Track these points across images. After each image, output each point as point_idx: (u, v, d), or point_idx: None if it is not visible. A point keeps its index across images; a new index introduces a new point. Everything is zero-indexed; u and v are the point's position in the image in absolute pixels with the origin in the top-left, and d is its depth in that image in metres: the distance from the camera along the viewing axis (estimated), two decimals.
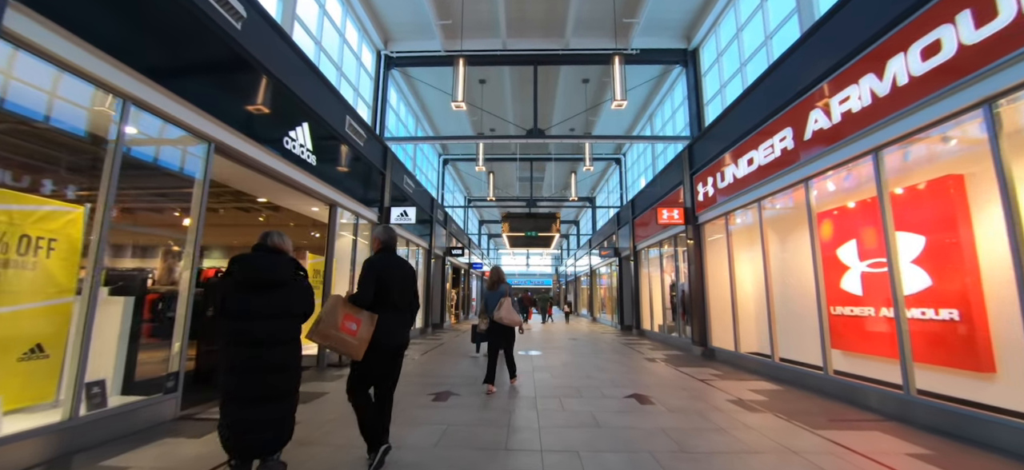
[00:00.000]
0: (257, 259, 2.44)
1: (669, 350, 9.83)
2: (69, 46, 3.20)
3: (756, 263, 7.42)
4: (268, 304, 2.38)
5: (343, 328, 2.62)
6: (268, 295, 2.40)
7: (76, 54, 3.26)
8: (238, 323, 2.32)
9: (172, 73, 4.12)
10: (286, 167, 5.95)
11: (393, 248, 3.18)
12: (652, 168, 14.75)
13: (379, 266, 2.93)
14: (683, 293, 10.58)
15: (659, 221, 9.58)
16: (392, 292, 2.91)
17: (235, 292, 2.38)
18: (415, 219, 9.72)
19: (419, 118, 14.61)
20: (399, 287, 2.97)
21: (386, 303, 2.88)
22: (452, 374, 6.60)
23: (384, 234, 3.16)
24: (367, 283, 2.86)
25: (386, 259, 3.03)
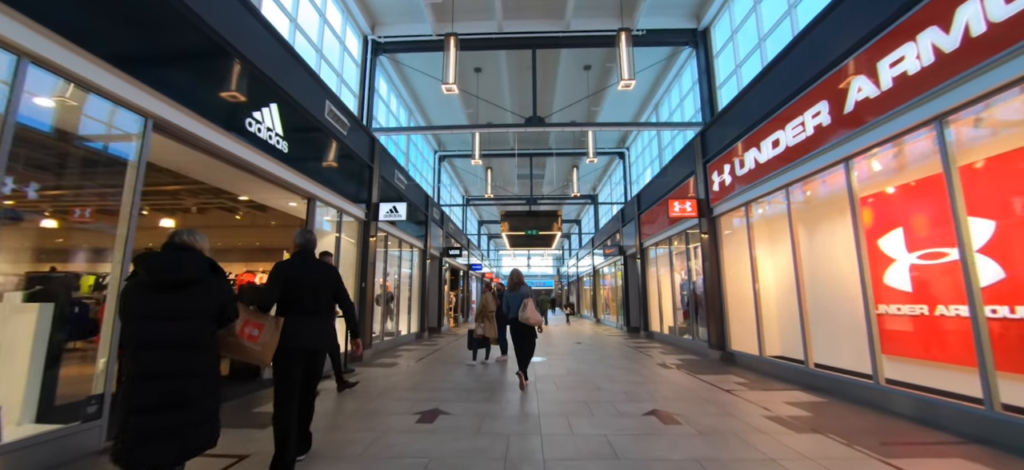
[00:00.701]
0: (161, 257, 2.23)
1: (683, 354, 9.05)
2: None
3: (782, 257, 6.65)
4: (175, 305, 2.19)
5: (242, 334, 2.59)
6: (175, 295, 2.20)
7: None
8: (140, 326, 2.14)
9: (91, 30, 3.38)
10: (251, 153, 5.20)
11: (310, 252, 3.20)
12: (659, 160, 13.99)
13: (287, 270, 2.95)
14: (696, 292, 9.81)
15: (670, 214, 8.82)
16: (302, 296, 2.92)
17: (138, 293, 2.17)
18: (405, 216, 8.98)
19: (412, 111, 13.88)
20: (311, 291, 2.97)
21: (295, 307, 2.89)
22: (444, 386, 5.84)
23: (301, 237, 3.18)
24: (269, 287, 2.89)
25: (297, 262, 3.04)
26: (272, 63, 5.68)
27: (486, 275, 26.78)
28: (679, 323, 10.96)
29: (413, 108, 13.91)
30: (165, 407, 2.10)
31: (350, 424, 4.11)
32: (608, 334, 14.42)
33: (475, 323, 7.88)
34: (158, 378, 2.11)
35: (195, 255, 2.31)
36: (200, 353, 2.23)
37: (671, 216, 8.83)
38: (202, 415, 2.22)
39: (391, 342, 10.66)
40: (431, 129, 12.96)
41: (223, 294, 2.36)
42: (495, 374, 6.80)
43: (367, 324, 8.63)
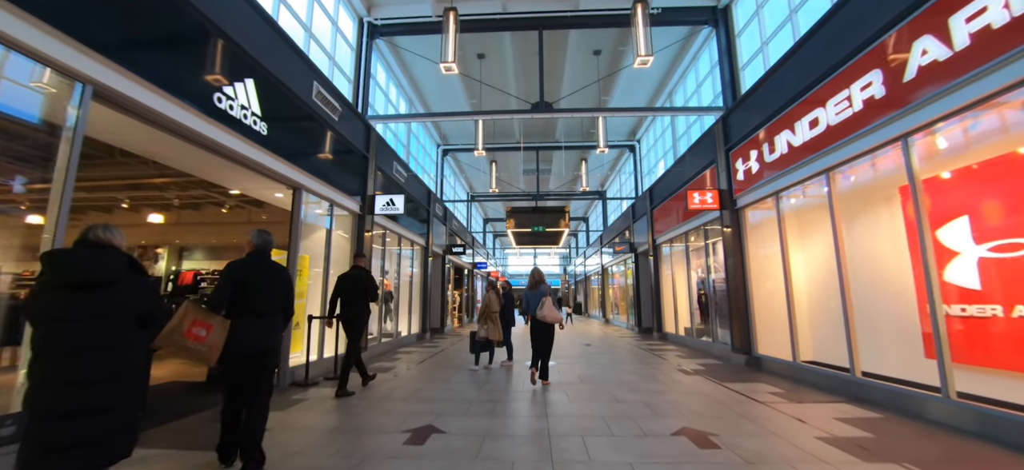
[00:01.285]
0: (71, 255, 2.08)
1: (702, 358, 8.34)
2: None
3: (819, 250, 5.93)
4: (87, 307, 2.05)
5: (189, 334, 2.56)
6: (88, 296, 2.06)
7: None
8: (51, 329, 1.99)
9: None
10: (221, 133, 4.60)
11: (266, 252, 3.14)
12: (673, 152, 13.25)
13: (238, 270, 2.92)
14: (715, 291, 9.09)
15: (689, 206, 8.11)
16: (251, 297, 2.89)
17: (48, 295, 2.03)
18: (403, 209, 8.36)
19: (412, 100, 13.27)
20: (261, 293, 2.94)
21: (244, 309, 2.85)
22: (441, 396, 5.21)
23: (258, 238, 3.13)
24: (221, 288, 2.84)
25: (250, 263, 3.01)
26: (247, 34, 5.07)
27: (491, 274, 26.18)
28: (696, 324, 10.25)
29: (413, 98, 13.30)
30: (76, 415, 1.98)
31: (325, 445, 3.49)
32: (619, 335, 13.72)
33: (477, 324, 7.25)
34: (69, 384, 1.98)
35: (111, 253, 2.15)
36: (116, 358, 2.08)
37: (690, 208, 8.12)
38: (117, 424, 2.09)
39: (390, 344, 10.05)
40: (431, 116, 12.32)
41: (147, 297, 2.23)
42: (500, 381, 6.16)
43: None
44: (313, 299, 7.12)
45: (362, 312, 5.44)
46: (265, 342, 2.93)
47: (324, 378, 6.37)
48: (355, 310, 5.39)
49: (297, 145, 6.24)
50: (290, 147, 5.99)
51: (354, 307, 5.39)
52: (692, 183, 9.50)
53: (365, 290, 5.47)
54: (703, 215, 9.21)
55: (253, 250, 3.08)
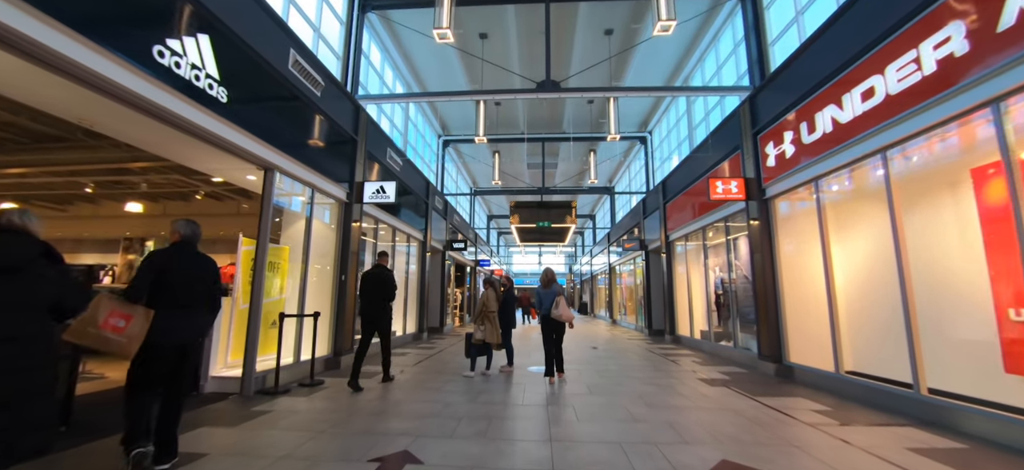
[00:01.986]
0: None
1: (724, 365, 7.51)
2: None
3: (870, 245, 5.09)
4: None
5: (106, 325, 2.47)
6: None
7: None
8: None
9: None
10: (164, 95, 3.86)
11: (192, 242, 3.04)
12: (689, 141, 12.38)
13: (160, 260, 2.83)
14: (737, 291, 8.25)
15: (711, 196, 7.27)
16: (175, 289, 2.82)
17: None
18: (394, 197, 7.60)
19: (409, 85, 12.51)
20: (185, 284, 2.87)
21: (166, 301, 2.77)
22: (427, 410, 4.44)
23: (184, 227, 3.03)
24: (141, 277, 2.74)
25: (173, 253, 2.92)
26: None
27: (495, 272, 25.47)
28: (714, 327, 9.40)
29: (411, 81, 12.53)
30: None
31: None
32: (627, 338, 12.89)
33: (474, 325, 6.47)
34: None
35: (24, 239, 2.12)
36: (25, 349, 2.00)
37: (713, 198, 7.28)
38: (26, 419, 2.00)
39: None
40: (427, 96, 11.50)
41: (61, 285, 2.18)
42: (497, 391, 5.38)
43: (349, 324, 7.28)
44: (293, 297, 6.38)
45: (382, 309, 5.67)
46: (188, 335, 2.90)
47: (299, 384, 5.64)
48: (377, 308, 5.64)
49: (269, 120, 5.50)
50: (260, 122, 5.25)
51: (376, 305, 5.64)
52: (712, 172, 8.66)
53: (384, 287, 5.69)
54: (724, 207, 8.37)
55: (179, 240, 3.00)
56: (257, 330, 5.26)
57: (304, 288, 6.32)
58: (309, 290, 6.70)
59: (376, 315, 5.64)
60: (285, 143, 5.76)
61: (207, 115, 4.36)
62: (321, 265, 7.13)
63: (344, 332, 7.15)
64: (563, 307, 5.93)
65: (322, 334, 6.97)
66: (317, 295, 6.98)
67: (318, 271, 7.08)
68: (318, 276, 7.07)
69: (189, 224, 3.06)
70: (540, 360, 7.86)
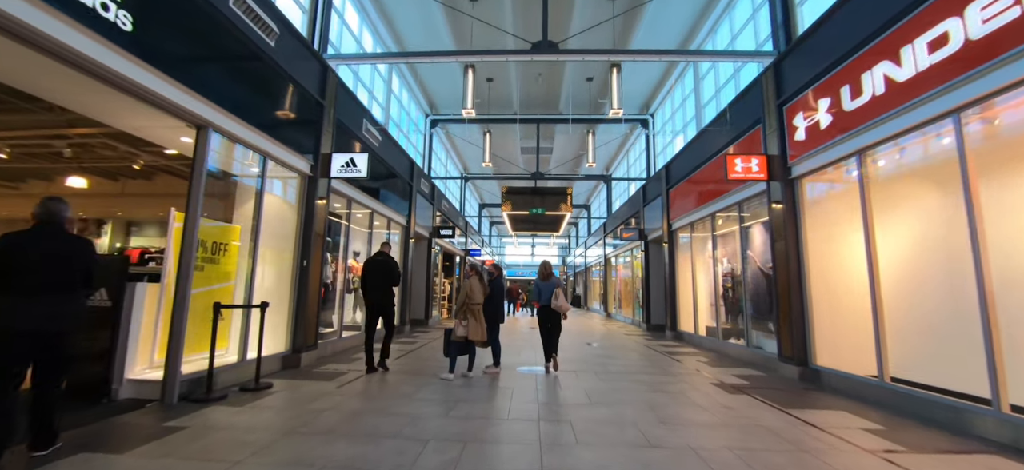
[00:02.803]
0: None
1: (737, 367, 6.67)
2: None
3: (934, 230, 4.23)
4: None
5: None
6: None
7: None
8: None
9: None
10: (23, 5, 2.85)
11: (51, 223, 2.79)
12: (696, 123, 11.47)
13: (8, 242, 2.64)
14: (751, 284, 7.41)
15: (729, 175, 6.39)
16: (22, 274, 2.62)
17: None
18: (366, 170, 6.61)
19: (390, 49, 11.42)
20: (40, 268, 2.67)
21: (18, 285, 2.60)
22: (388, 427, 3.53)
23: (41, 208, 2.79)
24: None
25: (28, 235, 2.71)
26: None
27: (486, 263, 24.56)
28: (722, 323, 8.58)
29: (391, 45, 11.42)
30: None
31: None
32: (625, 333, 12.06)
33: (455, 320, 5.54)
34: None
35: None
36: None
37: (730, 178, 6.39)
38: None
39: (356, 338, 8.38)
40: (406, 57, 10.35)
41: None
42: (480, 400, 4.48)
43: (310, 316, 6.32)
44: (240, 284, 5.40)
45: (385, 296, 5.87)
46: (48, 324, 2.67)
47: (241, 388, 4.68)
48: (382, 294, 5.85)
49: (203, 68, 4.50)
50: (189, 67, 4.25)
51: (380, 291, 5.83)
52: (730, 149, 7.76)
53: (387, 274, 5.88)
54: (738, 191, 7.50)
55: (36, 222, 2.77)
56: (182, 324, 4.29)
57: (253, 274, 5.34)
58: (262, 276, 5.74)
59: (381, 301, 5.84)
60: (227, 99, 4.75)
61: (100, 43, 3.35)
62: (279, 248, 6.15)
63: (306, 325, 6.19)
64: (562, 299, 6.10)
65: (278, 328, 6.02)
66: (273, 282, 6.00)
67: (275, 255, 6.10)
68: (275, 260, 6.09)
69: (49, 203, 2.82)
70: (530, 359, 6.98)
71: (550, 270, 6.49)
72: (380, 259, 5.97)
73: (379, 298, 5.84)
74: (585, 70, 12.24)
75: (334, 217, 7.99)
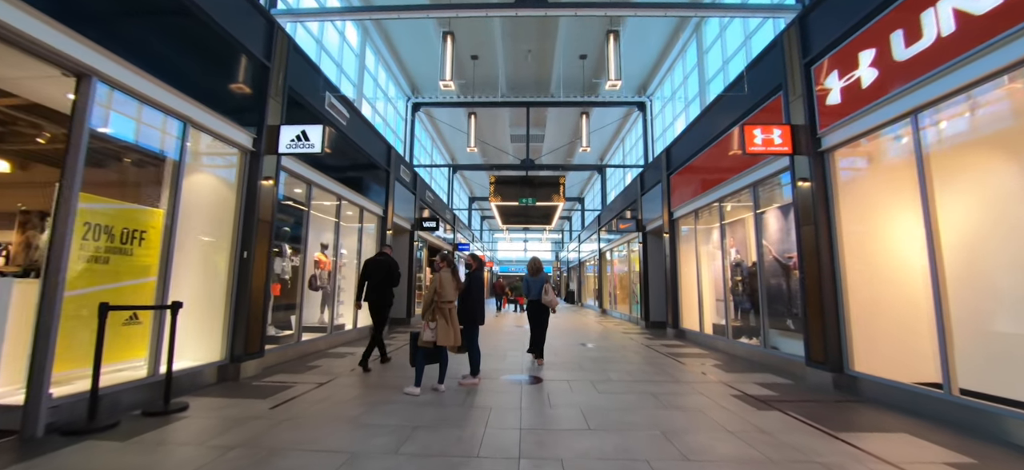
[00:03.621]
0: None
1: (754, 372, 5.77)
2: None
3: (1013, 208, 3.32)
4: None
5: None
6: None
7: None
8: None
9: None
10: None
11: None
12: (700, 101, 10.54)
13: None
14: (767, 276, 6.53)
15: (748, 148, 5.45)
16: None
17: None
18: (320, 146, 5.58)
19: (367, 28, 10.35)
20: None
21: None
22: (314, 467, 2.56)
23: None
24: None
25: None
26: None
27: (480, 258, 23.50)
28: (732, 321, 7.69)
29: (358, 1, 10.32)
30: None
31: None
32: (622, 331, 11.15)
33: (422, 321, 4.55)
34: None
35: None
36: None
37: (749, 151, 5.46)
38: None
39: (320, 341, 7.38)
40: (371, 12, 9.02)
41: None
42: (448, 425, 3.50)
43: (254, 319, 5.30)
44: (174, 281, 4.38)
45: (385, 295, 6.00)
46: None
47: (144, 412, 3.68)
48: (380, 294, 5.96)
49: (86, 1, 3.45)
50: None
51: (380, 291, 5.94)
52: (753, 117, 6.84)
53: (388, 275, 6.00)
54: (751, 172, 6.60)
55: None
56: (51, 330, 3.26)
57: (168, 267, 4.31)
58: (189, 271, 4.72)
59: (379, 302, 5.94)
60: (123, 45, 3.72)
61: None
62: (214, 237, 5.13)
63: (249, 329, 5.17)
64: (552, 294, 6.40)
65: (211, 333, 5.00)
66: (203, 279, 4.98)
67: (207, 245, 5.08)
68: (207, 252, 5.07)
69: None
70: (516, 364, 6.02)
71: (539, 266, 6.65)
72: (381, 259, 6.09)
73: (382, 298, 5.96)
74: (578, 46, 11.26)
75: (293, 203, 6.96)
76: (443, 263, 4.73)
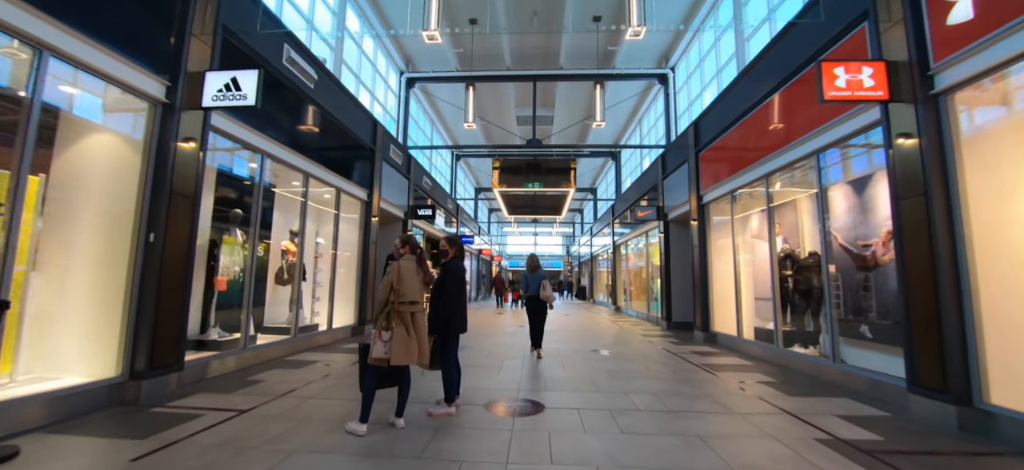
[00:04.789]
0: None
1: (824, 397, 4.33)
2: None
3: None
4: None
5: None
6: None
7: None
8: None
9: None
10: None
11: None
12: (737, 62, 8.98)
13: None
14: (843, 270, 5.08)
15: (826, 94, 4.00)
16: None
17: None
18: (254, 97, 4.29)
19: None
20: None
21: None
22: None
23: None
24: None
25: None
26: None
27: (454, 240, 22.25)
28: (783, 326, 6.23)
29: None
30: None
31: None
32: (641, 333, 9.73)
33: (373, 330, 3.21)
34: None
35: None
36: None
37: (828, 97, 4.01)
38: None
39: (281, 346, 6.15)
40: None
41: None
42: None
43: (166, 321, 4.05)
44: (54, 268, 3.16)
45: None
46: None
47: None
48: None
49: None
50: None
51: None
52: (819, 61, 5.37)
53: None
54: (817, 135, 5.15)
55: None
56: None
57: (7, 249, 3.06)
58: (62, 255, 3.49)
59: None
60: None
61: None
62: (105, 213, 3.89)
63: (156, 336, 3.93)
64: (548, 289, 6.44)
65: (104, 341, 3.77)
66: (86, 268, 3.76)
67: (96, 223, 3.84)
68: (95, 232, 3.83)
69: None
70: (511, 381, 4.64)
71: (537, 262, 6.78)
72: None
73: None
74: (591, 5, 9.79)
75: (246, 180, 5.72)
76: (404, 248, 3.40)
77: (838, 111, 4.73)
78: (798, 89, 5.61)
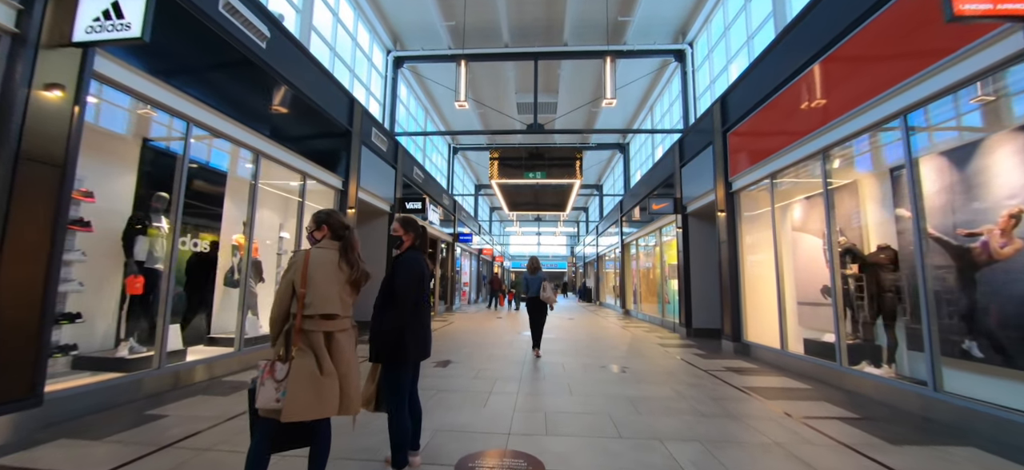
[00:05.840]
0: None
1: (936, 444, 3.07)
2: None
3: None
4: None
5: None
6: None
7: None
8: None
9: None
10: None
11: None
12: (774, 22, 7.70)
13: None
14: (939, 270, 3.84)
15: (955, 9, 2.74)
16: None
17: None
18: (140, 30, 3.11)
19: None
20: None
21: None
22: None
23: None
24: None
25: None
26: None
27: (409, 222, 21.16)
28: (847, 338, 4.96)
29: None
30: None
31: None
32: (657, 342, 8.44)
33: (262, 363, 1.99)
34: None
35: None
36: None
37: (958, 12, 2.74)
38: None
39: (221, 363, 4.96)
40: None
41: None
42: None
43: (9, 338, 2.86)
44: None
45: None
46: None
47: None
48: None
49: None
50: None
51: None
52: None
53: None
54: (896, 94, 3.90)
55: None
56: None
57: None
58: None
59: None
60: None
61: None
62: None
63: None
64: (548, 290, 6.51)
65: None
66: None
67: None
68: None
69: None
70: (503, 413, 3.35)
71: (538, 264, 6.83)
72: None
73: None
74: None
75: (166, 150, 4.54)
76: (321, 230, 2.18)
77: (943, 50, 3.48)
78: (881, 27, 4.34)
